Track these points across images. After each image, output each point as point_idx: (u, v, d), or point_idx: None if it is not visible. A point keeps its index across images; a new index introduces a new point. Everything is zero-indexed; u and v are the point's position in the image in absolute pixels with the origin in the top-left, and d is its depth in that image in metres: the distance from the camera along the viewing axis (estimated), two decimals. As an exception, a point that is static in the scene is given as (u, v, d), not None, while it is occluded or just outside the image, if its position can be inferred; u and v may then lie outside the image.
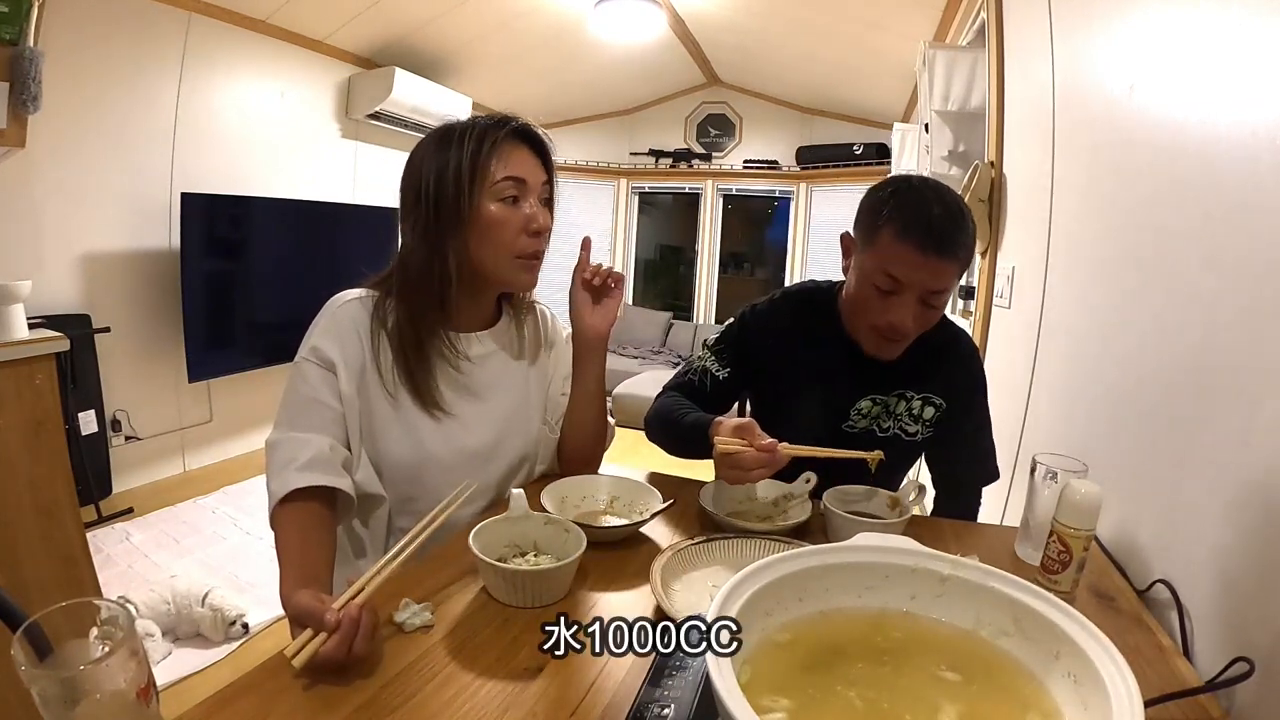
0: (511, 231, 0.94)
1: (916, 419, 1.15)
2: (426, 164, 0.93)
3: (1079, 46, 1.43)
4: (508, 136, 0.94)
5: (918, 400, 1.14)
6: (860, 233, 1.05)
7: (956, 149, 2.42)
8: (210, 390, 3.30)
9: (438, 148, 0.93)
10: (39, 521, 1.70)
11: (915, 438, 1.15)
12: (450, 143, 0.93)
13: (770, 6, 3.76)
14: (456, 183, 0.91)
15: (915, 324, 1.01)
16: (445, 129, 0.95)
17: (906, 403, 1.14)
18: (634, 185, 6.14)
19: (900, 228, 0.97)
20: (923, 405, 1.14)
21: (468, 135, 0.92)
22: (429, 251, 0.94)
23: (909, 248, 0.96)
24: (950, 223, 0.96)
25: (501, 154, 0.93)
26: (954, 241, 0.96)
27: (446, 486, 0.86)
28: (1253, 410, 0.70)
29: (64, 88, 2.48)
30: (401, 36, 3.79)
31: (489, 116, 0.96)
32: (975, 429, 1.19)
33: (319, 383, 0.91)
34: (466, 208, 0.92)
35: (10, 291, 1.75)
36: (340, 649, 0.59)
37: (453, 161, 0.91)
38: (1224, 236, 0.80)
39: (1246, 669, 0.60)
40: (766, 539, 0.86)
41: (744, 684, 0.39)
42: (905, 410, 1.14)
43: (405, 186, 0.96)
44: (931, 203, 0.97)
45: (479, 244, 0.94)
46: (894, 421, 1.15)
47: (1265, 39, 0.74)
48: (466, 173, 0.91)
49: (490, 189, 0.92)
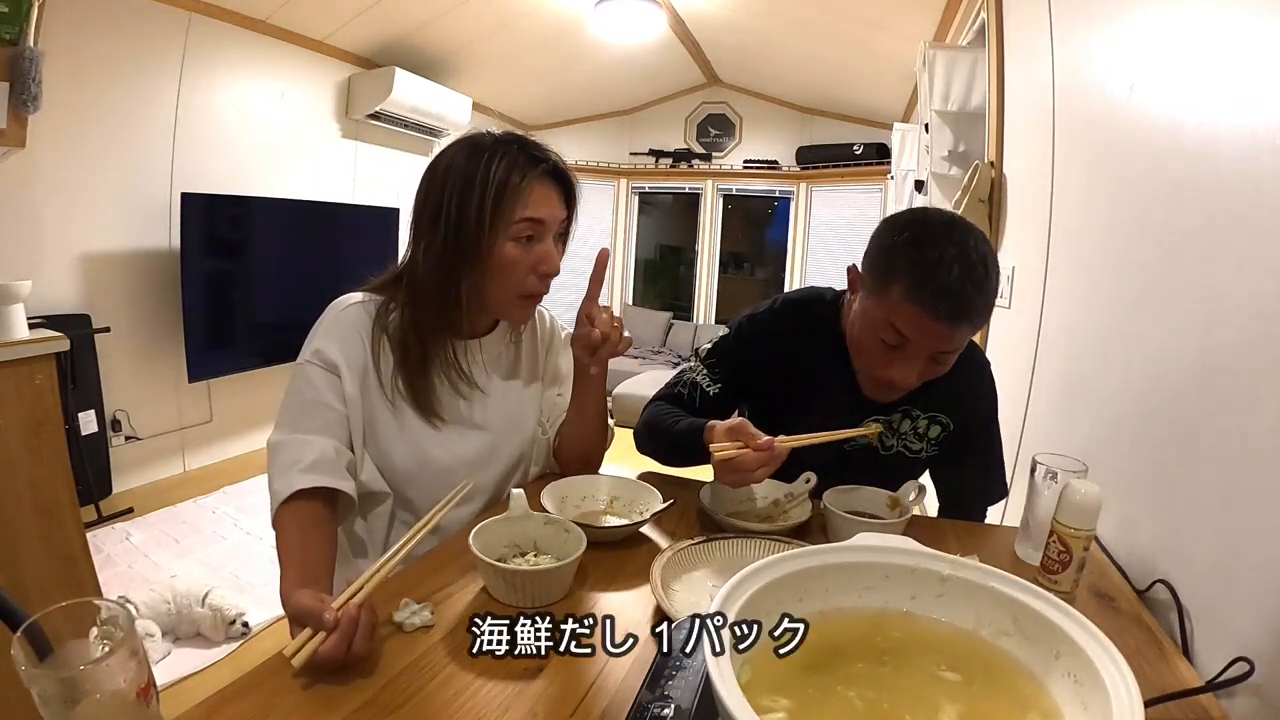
0: (521, 272, 0.93)
1: (921, 437, 1.10)
2: (451, 182, 0.90)
3: (1079, 46, 1.43)
4: (539, 176, 0.92)
5: (924, 419, 1.09)
6: (869, 275, 0.95)
7: (956, 149, 2.42)
8: (210, 390, 3.30)
9: (466, 165, 0.90)
10: (39, 521, 1.70)
11: (920, 455, 1.11)
12: (478, 164, 0.89)
13: (770, 6, 3.76)
14: (478, 218, 0.89)
15: (920, 379, 0.95)
16: (474, 144, 0.92)
17: (911, 421, 1.09)
18: (634, 185, 6.14)
19: (912, 286, 0.87)
20: (929, 424, 1.09)
21: (496, 163, 0.89)
22: (443, 279, 0.92)
23: (921, 312, 0.86)
24: (970, 285, 0.85)
25: (526, 194, 0.90)
26: (971, 307, 0.86)
27: (445, 489, 0.86)
28: (1253, 410, 0.70)
29: (64, 88, 2.48)
30: (401, 36, 3.79)
31: (521, 142, 0.93)
32: (985, 448, 1.14)
33: (323, 385, 0.91)
34: (485, 246, 0.90)
35: (10, 291, 1.75)
36: (339, 648, 0.59)
37: (477, 192, 0.88)
38: (1224, 236, 0.80)
39: (1246, 669, 0.60)
40: (766, 539, 0.86)
41: (744, 684, 0.39)
42: (910, 429, 1.09)
43: (424, 199, 0.93)
44: (952, 261, 0.85)
45: (489, 280, 0.93)
46: (898, 440, 1.10)
47: (1265, 39, 0.74)
48: (489, 209, 0.88)
49: (510, 228, 0.90)
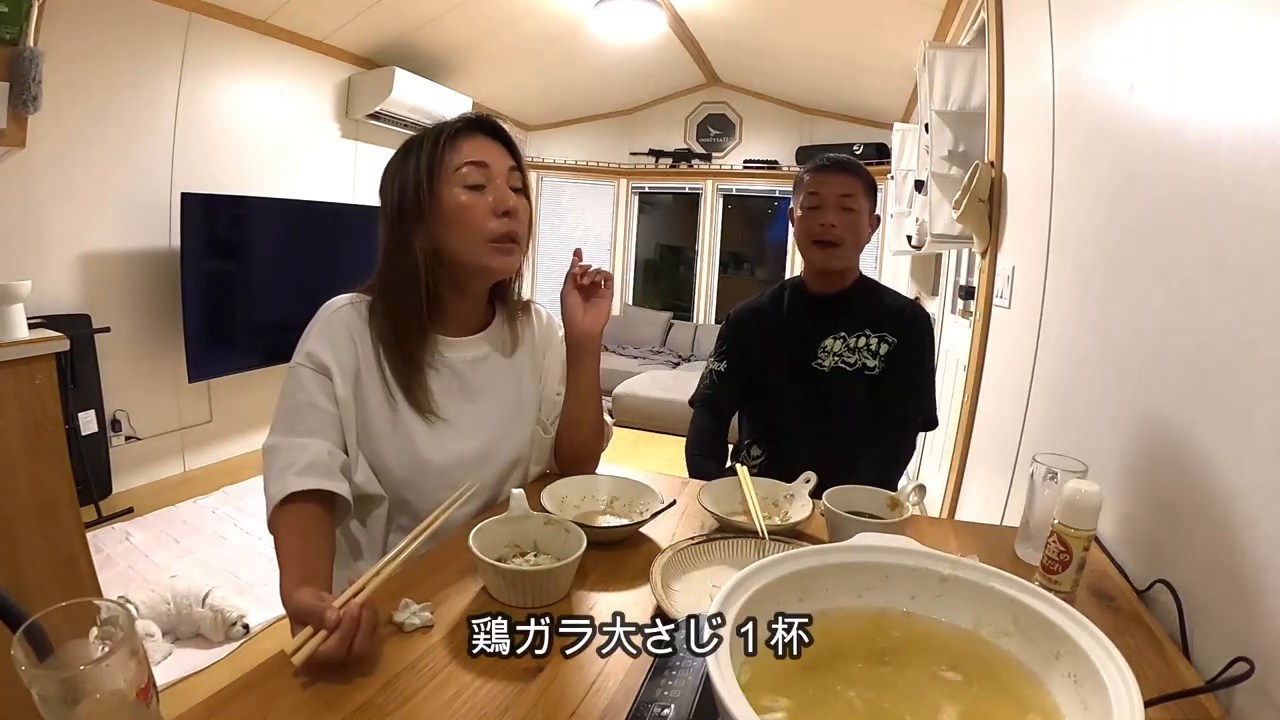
0: (480, 215, 0.94)
1: (874, 354, 1.43)
2: (393, 172, 0.97)
3: (1079, 46, 1.43)
4: (464, 129, 0.96)
5: (875, 338, 1.43)
6: (793, 198, 1.48)
7: (956, 149, 2.41)
8: (210, 390, 3.30)
9: (402, 155, 0.97)
10: (39, 521, 1.70)
11: (875, 372, 1.42)
12: (412, 148, 0.96)
13: (770, 6, 3.76)
14: (415, 178, 0.93)
15: (840, 224, 1.37)
16: (408, 139, 0.98)
17: (867, 339, 1.43)
18: (634, 185, 6.14)
19: (809, 168, 1.43)
20: (879, 342, 1.43)
21: (426, 136, 0.96)
22: (396, 249, 0.95)
23: (815, 173, 1.41)
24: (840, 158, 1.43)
25: (458, 144, 0.95)
26: (846, 161, 1.42)
27: (441, 490, 0.86)
28: (1252, 410, 0.70)
29: (64, 88, 2.48)
30: (401, 36, 3.79)
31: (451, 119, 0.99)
32: (917, 366, 1.45)
33: (314, 387, 0.91)
34: (426, 199, 0.93)
35: (10, 291, 1.75)
36: (341, 647, 0.59)
37: (412, 162, 0.95)
38: (1224, 236, 0.80)
39: (1246, 669, 0.60)
40: (766, 539, 0.86)
41: (744, 684, 0.39)
42: (865, 346, 1.43)
43: (381, 199, 0.99)
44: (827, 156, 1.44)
45: (449, 233, 0.95)
46: (858, 356, 1.43)
47: (1265, 39, 0.74)
48: (424, 166, 0.93)
49: (452, 177, 0.94)
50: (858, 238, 1.40)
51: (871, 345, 1.42)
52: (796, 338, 1.46)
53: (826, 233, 1.37)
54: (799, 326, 1.46)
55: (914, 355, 1.44)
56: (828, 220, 1.37)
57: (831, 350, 1.43)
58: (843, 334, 1.43)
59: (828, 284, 1.46)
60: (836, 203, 1.37)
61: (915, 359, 1.45)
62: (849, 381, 1.42)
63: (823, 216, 1.37)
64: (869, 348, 1.42)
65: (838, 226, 1.37)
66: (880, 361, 1.42)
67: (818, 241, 1.39)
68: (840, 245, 1.38)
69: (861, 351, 1.42)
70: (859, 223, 1.39)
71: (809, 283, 1.48)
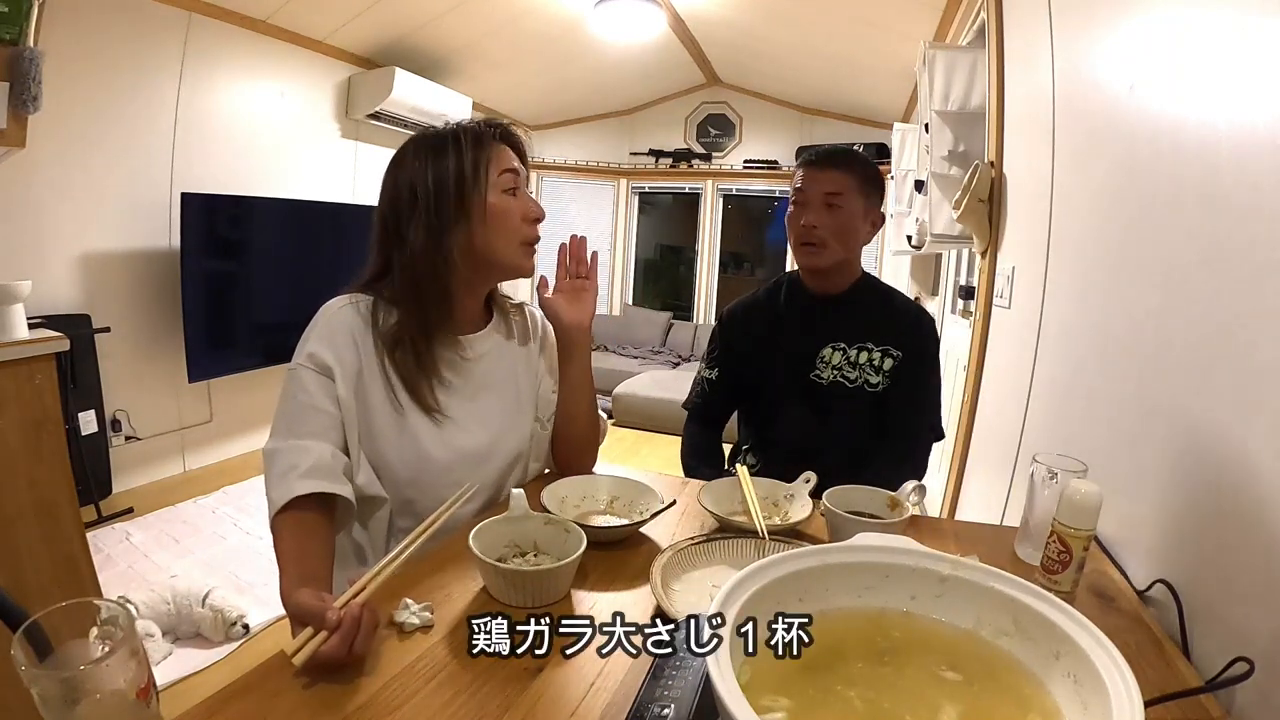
0: (516, 219, 0.99)
1: (878, 370, 1.34)
2: (421, 170, 0.96)
3: (1079, 46, 1.43)
4: (498, 139, 1.01)
5: (878, 352, 1.35)
6: None
7: (956, 149, 2.41)
8: (210, 390, 3.30)
9: (434, 154, 0.96)
10: (39, 521, 1.70)
11: (878, 389, 1.34)
12: (445, 148, 0.97)
13: (771, 6, 3.75)
14: (459, 180, 0.95)
15: (822, 224, 1.29)
16: (434, 136, 0.99)
17: (869, 354, 1.35)
18: (634, 185, 6.14)
19: (799, 162, 1.36)
20: (882, 357, 1.34)
21: (464, 138, 0.97)
22: (433, 249, 0.95)
23: (802, 169, 1.34)
24: (833, 149, 1.35)
25: (498, 153, 0.99)
26: (834, 153, 1.33)
27: (444, 488, 0.86)
28: (1252, 410, 0.70)
29: (64, 88, 2.48)
30: (401, 36, 3.79)
31: (472, 121, 1.02)
32: (924, 380, 1.38)
33: (316, 389, 0.91)
34: (474, 202, 0.96)
35: (10, 291, 1.75)
36: (341, 648, 0.59)
37: (453, 163, 0.96)
38: (1223, 236, 0.80)
39: (1246, 669, 0.60)
40: (766, 539, 0.86)
41: (744, 684, 0.39)
42: (867, 361, 1.34)
43: (394, 193, 0.98)
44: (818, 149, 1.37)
45: (489, 234, 0.97)
46: (859, 372, 1.34)
47: (1265, 39, 0.74)
48: (470, 170, 0.96)
49: (496, 181, 0.98)
50: (845, 237, 1.31)
51: (874, 360, 1.34)
52: (793, 343, 1.38)
53: (808, 234, 1.30)
54: (795, 330, 1.39)
55: (920, 367, 1.36)
56: (809, 220, 1.30)
57: (830, 363, 1.35)
58: (842, 344, 1.35)
59: (823, 284, 1.37)
60: (820, 200, 1.30)
61: (922, 371, 1.37)
62: (849, 398, 1.34)
63: (804, 215, 1.31)
64: (871, 363, 1.34)
65: (819, 227, 1.29)
66: (885, 378, 1.34)
67: (799, 235, 1.33)
68: (822, 246, 1.30)
69: (863, 368, 1.34)
70: (847, 222, 1.30)
71: (805, 281, 1.41)
